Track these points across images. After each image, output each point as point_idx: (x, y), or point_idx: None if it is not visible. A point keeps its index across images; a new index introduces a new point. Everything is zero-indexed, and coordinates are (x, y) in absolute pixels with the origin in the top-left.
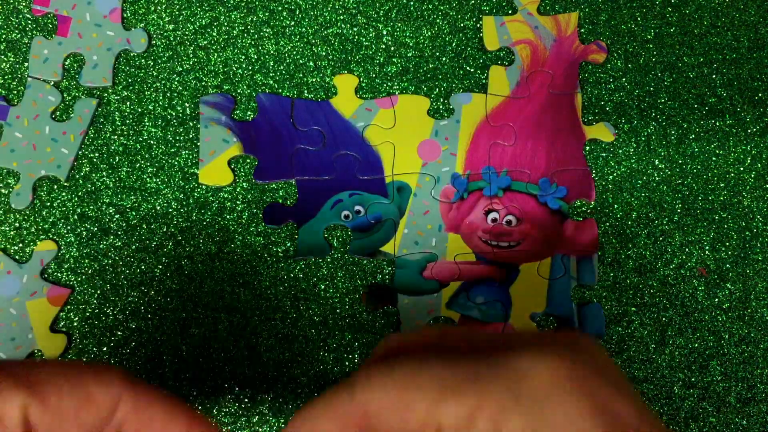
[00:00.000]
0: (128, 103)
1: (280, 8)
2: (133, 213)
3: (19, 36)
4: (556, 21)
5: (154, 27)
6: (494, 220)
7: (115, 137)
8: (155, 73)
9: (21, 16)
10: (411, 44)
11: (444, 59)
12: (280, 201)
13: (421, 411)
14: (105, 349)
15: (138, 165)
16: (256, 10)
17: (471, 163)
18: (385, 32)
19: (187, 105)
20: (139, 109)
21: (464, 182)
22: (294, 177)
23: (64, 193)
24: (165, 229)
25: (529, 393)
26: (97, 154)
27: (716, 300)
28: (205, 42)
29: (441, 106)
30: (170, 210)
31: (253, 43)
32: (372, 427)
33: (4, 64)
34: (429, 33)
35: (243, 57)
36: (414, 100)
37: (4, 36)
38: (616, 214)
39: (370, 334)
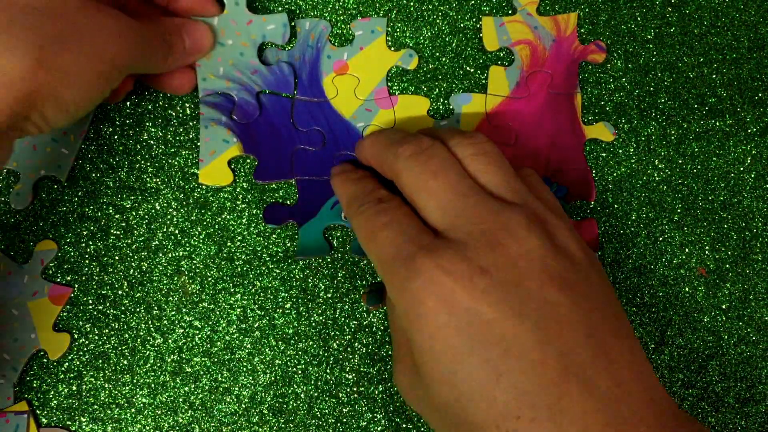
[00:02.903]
0: (128, 103)
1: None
2: (133, 213)
3: None
4: (555, 21)
5: None
6: None
7: (116, 137)
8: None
9: None
10: (411, 45)
11: (444, 60)
12: (280, 201)
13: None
14: (107, 347)
15: (138, 165)
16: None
17: None
18: (385, 33)
19: (187, 105)
20: (139, 110)
21: None
22: (294, 177)
23: (64, 194)
24: (165, 229)
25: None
26: (97, 155)
27: (716, 300)
28: None
29: (441, 106)
30: (170, 210)
31: None
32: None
33: None
34: (429, 33)
35: None
36: (414, 100)
37: None
38: (616, 214)
39: (370, 334)
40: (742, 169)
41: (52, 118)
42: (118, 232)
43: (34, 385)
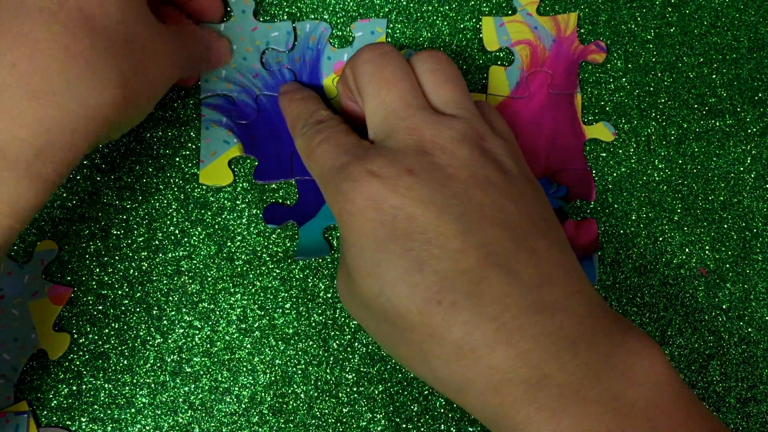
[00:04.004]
0: None
1: (279, 12)
2: (133, 213)
3: None
4: (555, 21)
5: None
6: None
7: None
8: None
9: None
10: (411, 46)
11: None
12: (280, 201)
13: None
14: (107, 347)
15: (138, 165)
16: None
17: None
18: (385, 34)
19: (188, 106)
20: None
21: None
22: (294, 177)
23: (64, 194)
24: (165, 229)
25: None
26: (97, 155)
27: (716, 300)
28: None
29: None
30: (170, 210)
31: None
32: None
33: None
34: (428, 34)
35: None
36: None
37: None
38: (616, 214)
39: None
40: (742, 169)
41: (113, 136)
42: (118, 232)
43: (34, 385)
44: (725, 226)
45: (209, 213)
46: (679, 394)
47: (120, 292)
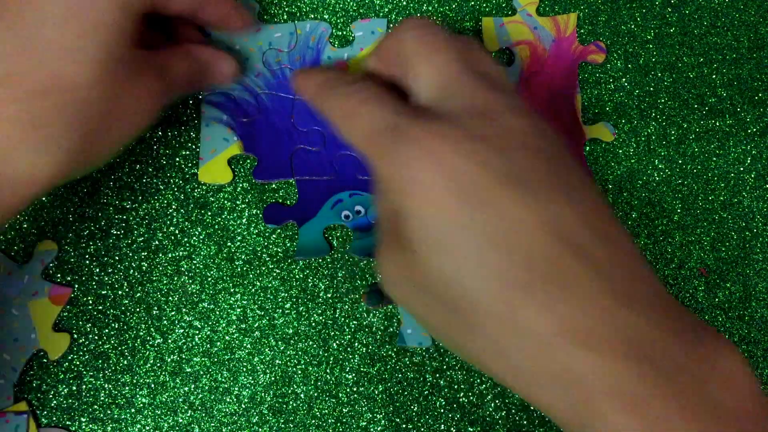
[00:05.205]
0: None
1: (280, 12)
2: (133, 213)
3: None
4: (555, 22)
5: None
6: None
7: None
8: None
9: None
10: None
11: None
12: (280, 201)
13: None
14: (107, 347)
15: (138, 165)
16: None
17: None
18: (385, 34)
19: (187, 105)
20: None
21: None
22: (294, 177)
23: (64, 194)
24: (165, 229)
25: None
26: None
27: (716, 300)
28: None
29: None
30: (170, 210)
31: None
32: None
33: None
34: None
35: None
36: None
37: None
38: (616, 214)
39: (370, 334)
40: (742, 169)
41: (76, 177)
42: (118, 232)
43: (34, 385)
44: (725, 226)
45: (209, 213)
46: (762, 400)
47: (120, 292)
